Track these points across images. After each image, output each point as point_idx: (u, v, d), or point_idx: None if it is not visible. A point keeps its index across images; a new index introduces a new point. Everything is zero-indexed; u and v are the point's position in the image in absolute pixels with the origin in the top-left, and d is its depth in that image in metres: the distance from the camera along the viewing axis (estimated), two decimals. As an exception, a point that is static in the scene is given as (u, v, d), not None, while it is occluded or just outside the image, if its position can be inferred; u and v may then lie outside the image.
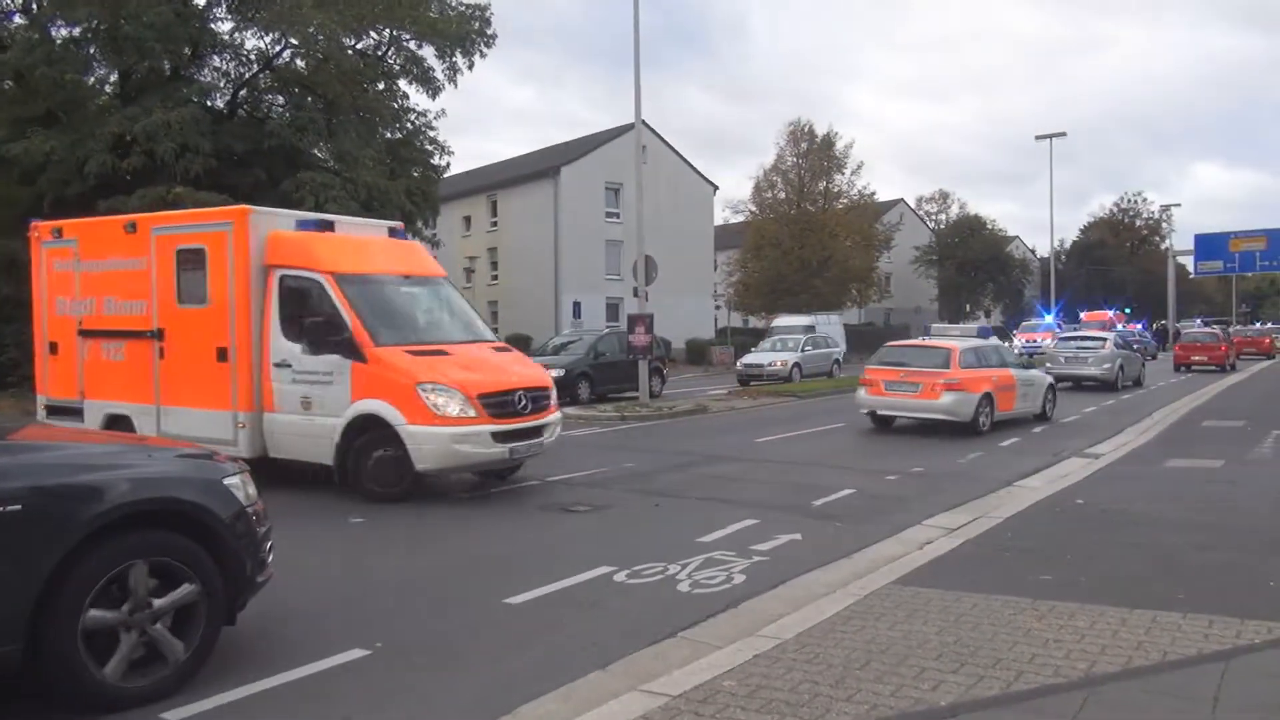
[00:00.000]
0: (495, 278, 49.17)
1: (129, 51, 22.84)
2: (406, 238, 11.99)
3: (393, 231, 11.69)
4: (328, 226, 10.79)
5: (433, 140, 28.87)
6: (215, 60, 26.61)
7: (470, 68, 27.63)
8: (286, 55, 26.48)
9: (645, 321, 20.25)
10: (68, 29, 23.91)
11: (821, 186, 54.96)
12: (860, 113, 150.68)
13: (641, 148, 22.05)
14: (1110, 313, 49.46)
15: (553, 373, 13.28)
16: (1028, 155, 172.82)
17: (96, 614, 4.20)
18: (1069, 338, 28.27)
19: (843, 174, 55.25)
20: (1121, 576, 6.25)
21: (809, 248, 51.32)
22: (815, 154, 54.46)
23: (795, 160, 54.84)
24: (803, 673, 4.49)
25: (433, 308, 11.04)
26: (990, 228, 74.35)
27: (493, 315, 45.08)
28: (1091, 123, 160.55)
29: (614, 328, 34.00)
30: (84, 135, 22.14)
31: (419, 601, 6.20)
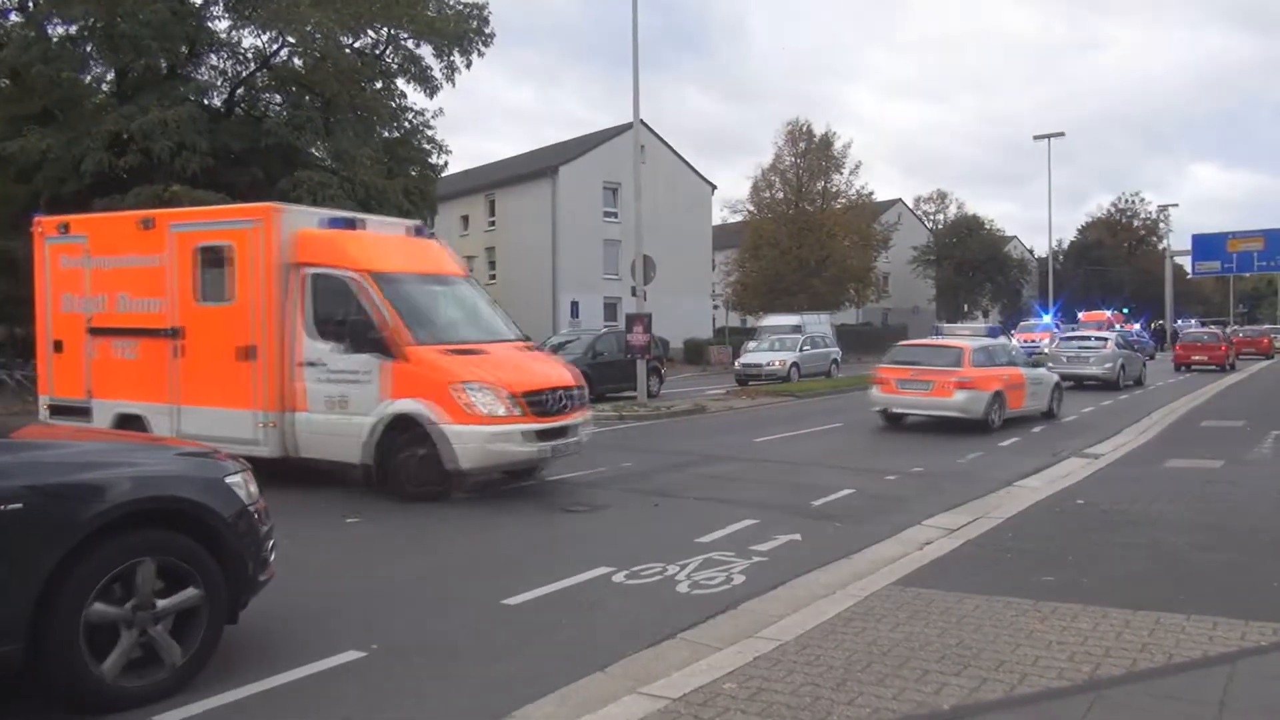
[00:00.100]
0: (493, 277, 49.09)
1: (125, 49, 22.74)
2: (428, 236, 11.90)
3: (416, 230, 11.64)
4: (355, 225, 10.72)
5: (430, 139, 28.81)
6: (212, 59, 26.54)
7: (468, 67, 27.59)
8: (284, 54, 26.40)
9: (644, 321, 20.21)
10: (64, 27, 23.82)
11: (820, 186, 54.95)
12: (858, 113, 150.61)
13: (640, 147, 22.00)
14: (1108, 313, 49.44)
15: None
16: (1025, 155, 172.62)
17: (98, 611, 4.16)
18: (1071, 337, 28.41)
19: (841, 174, 55.33)
20: (1124, 578, 6.21)
21: (807, 247, 51.31)
22: (813, 154, 54.45)
23: (793, 160, 54.83)
24: (804, 675, 4.44)
25: (461, 306, 10.99)
26: (988, 228, 74.34)
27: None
28: (1089, 123, 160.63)
29: (612, 327, 33.94)
30: (80, 133, 22.05)
31: (416, 602, 6.15)
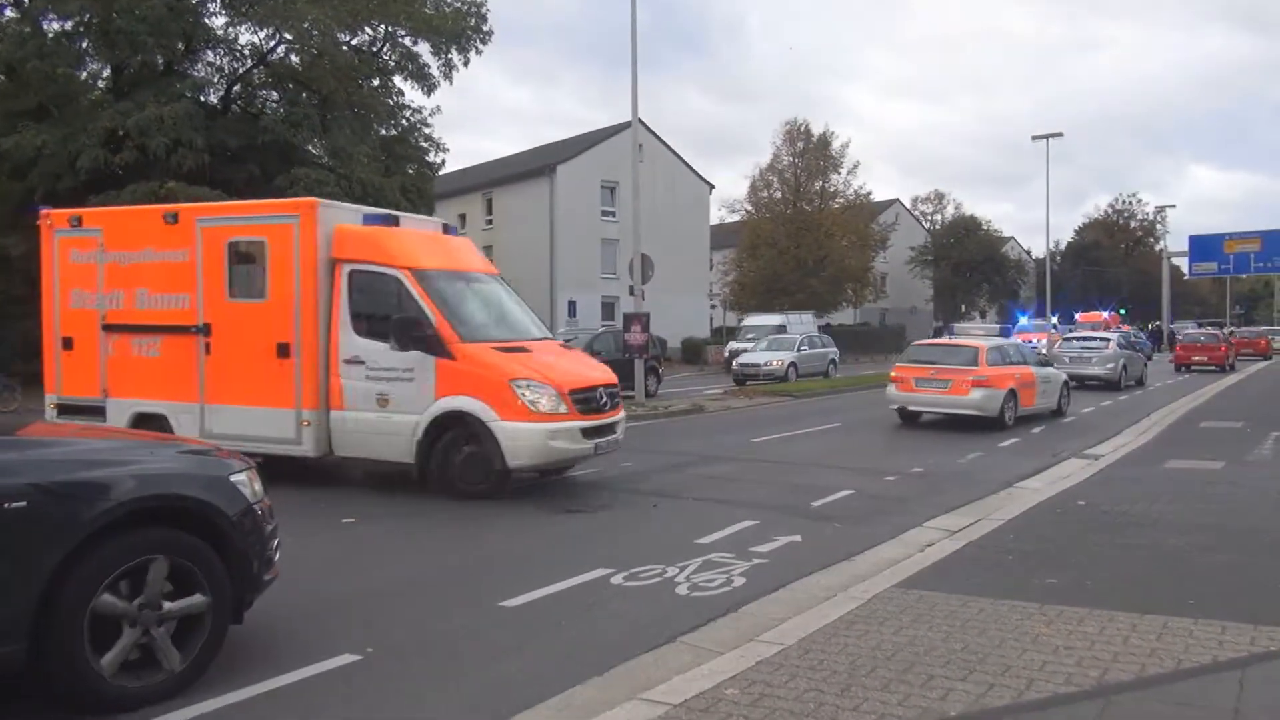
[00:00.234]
0: (491, 276, 48.93)
1: (121, 45, 22.65)
2: (456, 234, 11.83)
3: (446, 229, 11.58)
4: (393, 221, 10.66)
5: (428, 137, 28.76)
6: (209, 55, 26.47)
7: (466, 65, 27.56)
8: (281, 50, 26.33)
9: (641, 320, 20.13)
10: (60, 22, 23.73)
11: (818, 186, 54.87)
12: (857, 113, 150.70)
13: (638, 146, 21.92)
14: (1105, 314, 49.44)
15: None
16: (1023, 156, 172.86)
17: (102, 610, 4.12)
18: (1073, 338, 28.70)
19: (839, 174, 55.26)
20: (1128, 580, 6.14)
21: (805, 247, 51.25)
22: (811, 153, 54.38)
23: (791, 160, 54.76)
24: (807, 680, 4.36)
25: (498, 304, 10.95)
26: (986, 228, 74.33)
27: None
28: (1087, 123, 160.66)
29: (609, 326, 33.87)
30: (76, 130, 21.95)
31: (413, 604, 6.06)
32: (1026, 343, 22.38)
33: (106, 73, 25.57)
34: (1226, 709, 3.96)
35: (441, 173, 33.14)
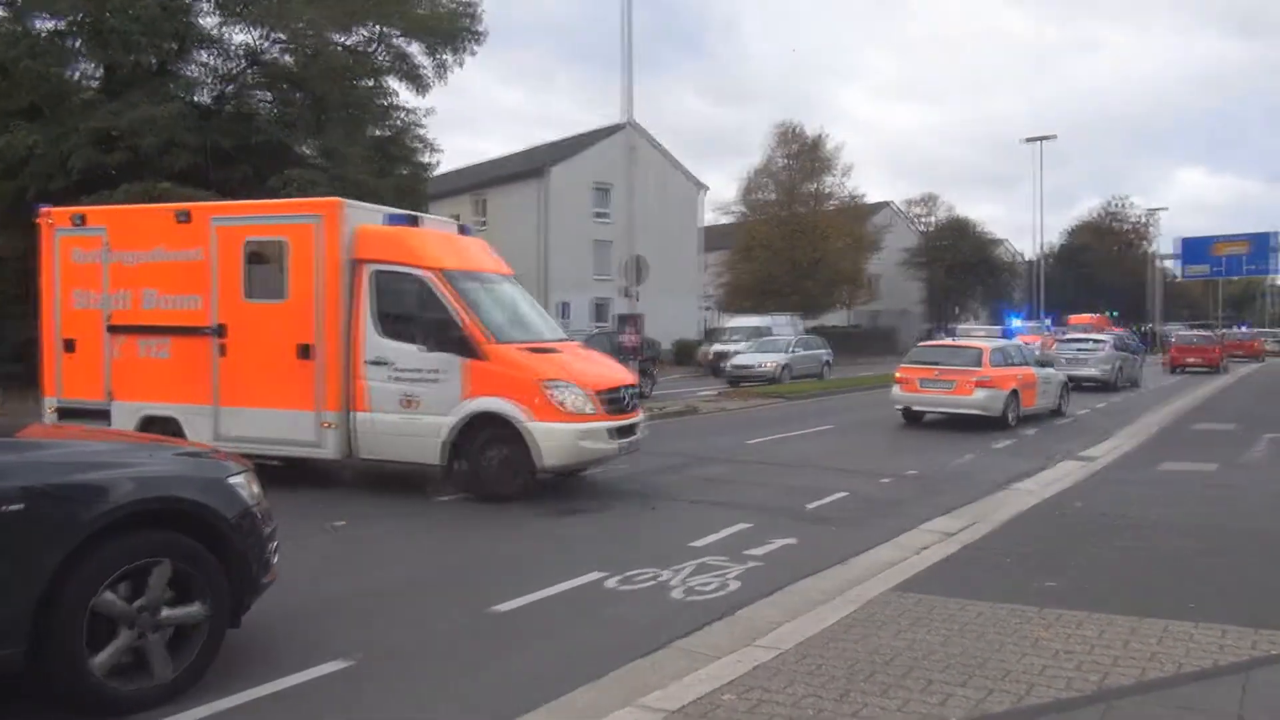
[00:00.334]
0: (483, 277, 48.82)
1: (114, 45, 22.46)
2: (470, 234, 11.78)
3: (462, 229, 11.53)
4: (415, 222, 10.62)
5: (421, 138, 28.59)
6: (202, 55, 26.22)
7: (460, 65, 27.38)
8: (274, 51, 26.14)
9: (635, 322, 20.08)
10: (52, 22, 23.52)
11: (811, 188, 54.87)
12: (851, 115, 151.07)
13: (631, 149, 21.86)
14: (1095, 316, 49.57)
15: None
16: (1015, 158, 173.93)
17: (100, 612, 4.09)
18: (1070, 339, 28.99)
19: (832, 176, 55.26)
20: (1127, 583, 6.10)
21: (799, 249, 51.22)
22: (804, 155, 54.38)
23: (785, 162, 54.75)
24: (805, 686, 4.31)
25: (516, 305, 10.93)
26: (978, 230, 74.36)
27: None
28: (1078, 126, 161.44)
29: (603, 328, 33.79)
30: (68, 129, 21.76)
31: (404, 609, 5.99)
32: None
33: (99, 72, 25.38)
34: (1230, 713, 3.91)
35: (435, 173, 32.97)
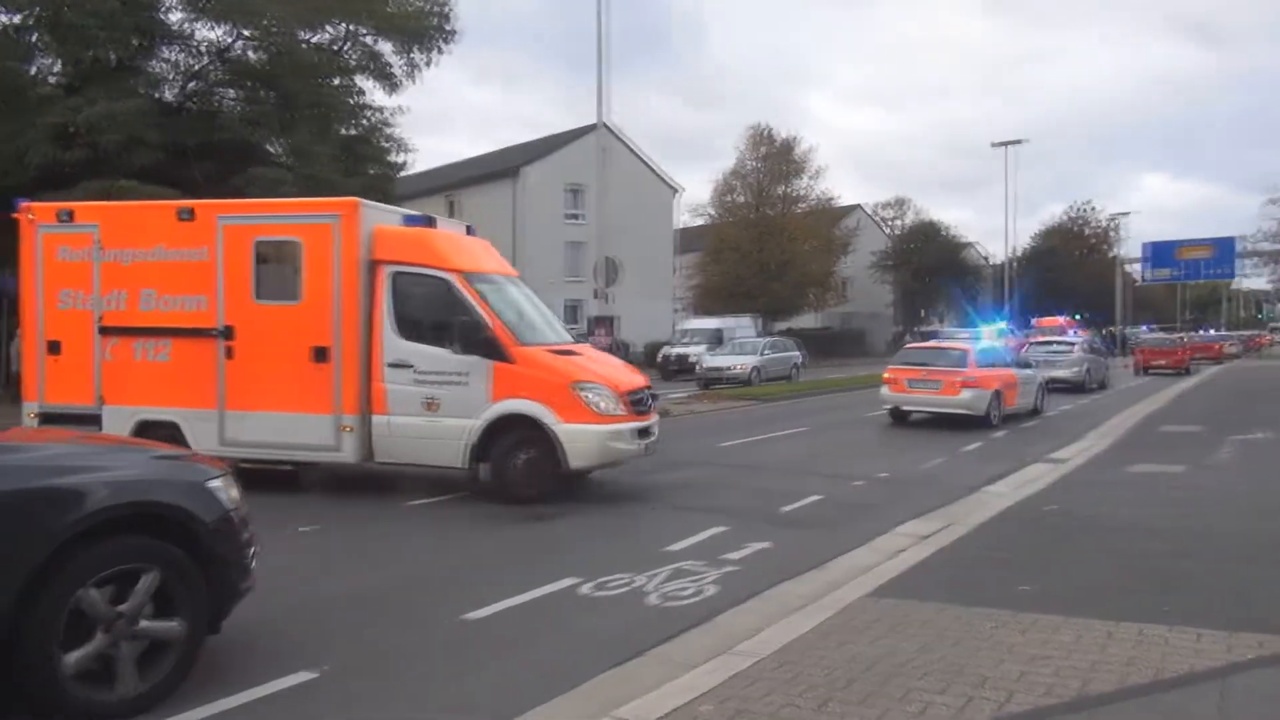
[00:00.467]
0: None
1: (73, 41, 22.01)
2: (473, 235, 11.72)
3: (469, 231, 11.44)
4: (431, 223, 10.53)
5: (391, 138, 28.26)
6: (165, 51, 25.78)
7: (429, 64, 27.12)
8: (239, 47, 25.75)
9: (607, 324, 20.01)
10: (8, 16, 23.01)
11: (781, 191, 55.06)
12: (819, 119, 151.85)
13: (602, 150, 21.76)
14: (1062, 318, 50.16)
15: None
16: (980, 162, 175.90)
17: (79, 609, 3.99)
18: (1041, 342, 29.50)
19: (802, 179, 55.47)
20: (1101, 586, 6.09)
21: (769, 252, 51.36)
22: (775, 158, 54.56)
23: (755, 164, 54.90)
24: (783, 695, 4.23)
25: (529, 307, 10.88)
26: (946, 234, 75.01)
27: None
28: (1044, 132, 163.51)
29: (574, 329, 33.55)
30: (25, 125, 21.26)
31: (373, 617, 5.85)
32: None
33: (59, 68, 24.87)
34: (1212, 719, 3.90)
35: (405, 173, 32.63)
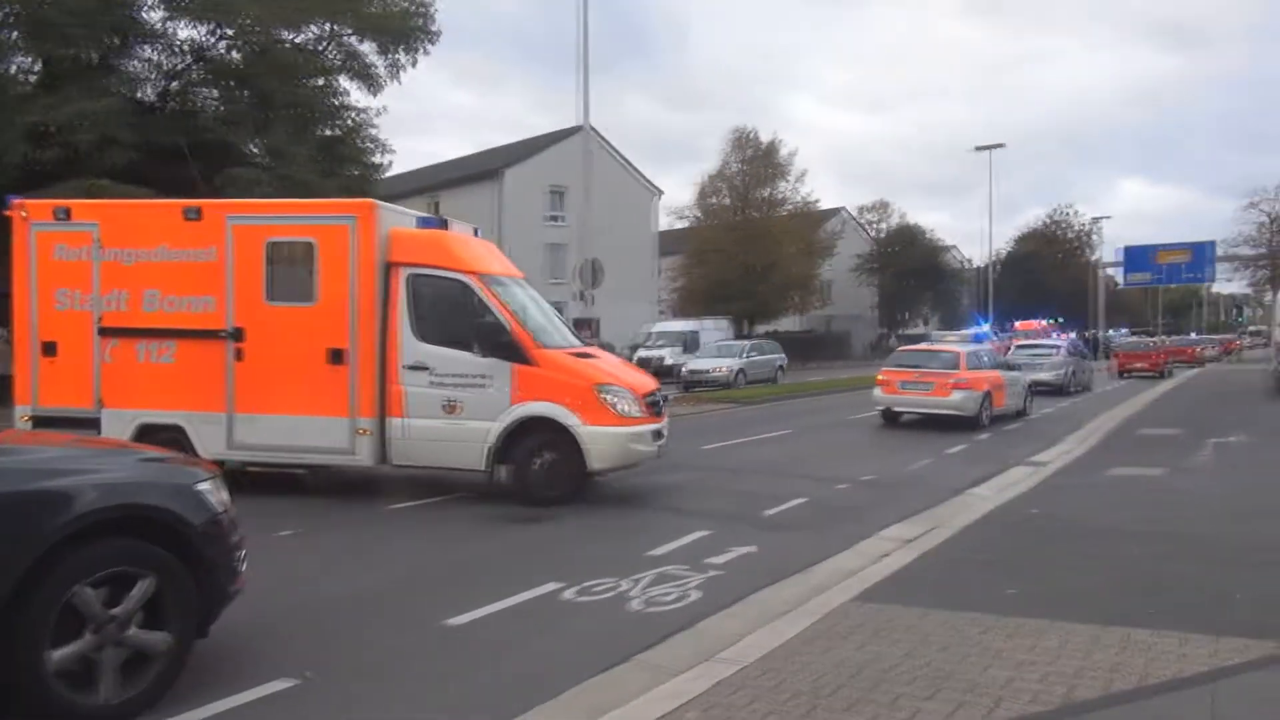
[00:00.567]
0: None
1: (51, 38, 21.75)
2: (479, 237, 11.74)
3: (475, 233, 11.43)
4: (445, 225, 10.50)
5: (372, 138, 28.07)
6: (145, 50, 25.52)
7: (413, 64, 26.98)
8: (220, 47, 25.53)
9: (591, 326, 19.95)
10: (-14, 14, 22.72)
11: (765, 193, 55.13)
12: (800, 122, 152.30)
13: (586, 151, 21.71)
14: (1040, 322, 50.49)
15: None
16: (960, 167, 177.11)
17: (72, 605, 3.94)
18: (1025, 345, 29.96)
19: (786, 181, 55.56)
20: (1084, 591, 6.09)
21: (752, 254, 51.40)
22: (758, 161, 54.62)
23: (739, 167, 54.93)
24: (769, 702, 4.19)
25: (541, 309, 10.88)
26: (928, 237, 75.40)
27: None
28: (1022, 136, 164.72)
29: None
30: (1, 125, 21.00)
31: (353, 623, 5.77)
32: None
33: (38, 66, 24.55)
34: (1199, 727, 3.88)
35: (387, 175, 32.43)
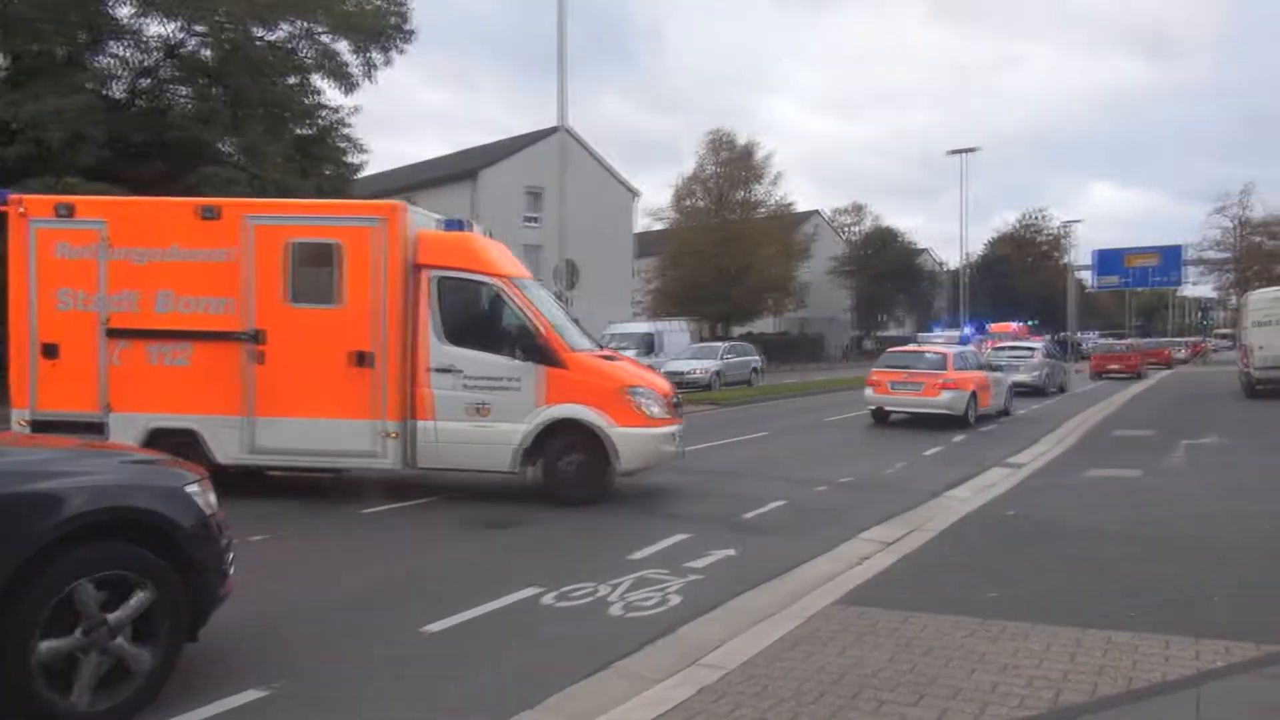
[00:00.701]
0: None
1: (19, 33, 21.36)
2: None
3: (489, 234, 11.35)
4: (468, 227, 10.46)
5: (347, 138, 27.82)
6: (115, 47, 25.13)
7: (388, 64, 26.75)
8: (191, 44, 25.19)
9: (567, 327, 19.82)
10: (-51, 8, 22.26)
11: (740, 196, 55.29)
12: (775, 126, 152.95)
13: (564, 152, 21.62)
14: (1015, 325, 50.91)
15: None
16: (933, 170, 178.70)
17: (63, 607, 3.87)
18: (1003, 347, 30.44)
19: (761, 184, 55.75)
20: (1066, 592, 6.08)
21: (729, 256, 51.49)
22: (735, 163, 54.77)
23: (715, 169, 55.08)
24: (751, 709, 4.12)
25: (558, 309, 10.85)
26: (902, 240, 75.92)
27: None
28: (994, 141, 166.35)
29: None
30: (-34, 121, 20.60)
31: (327, 631, 5.64)
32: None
33: (6, 62, 24.09)
34: (1186, 732, 3.85)
35: (362, 175, 32.14)
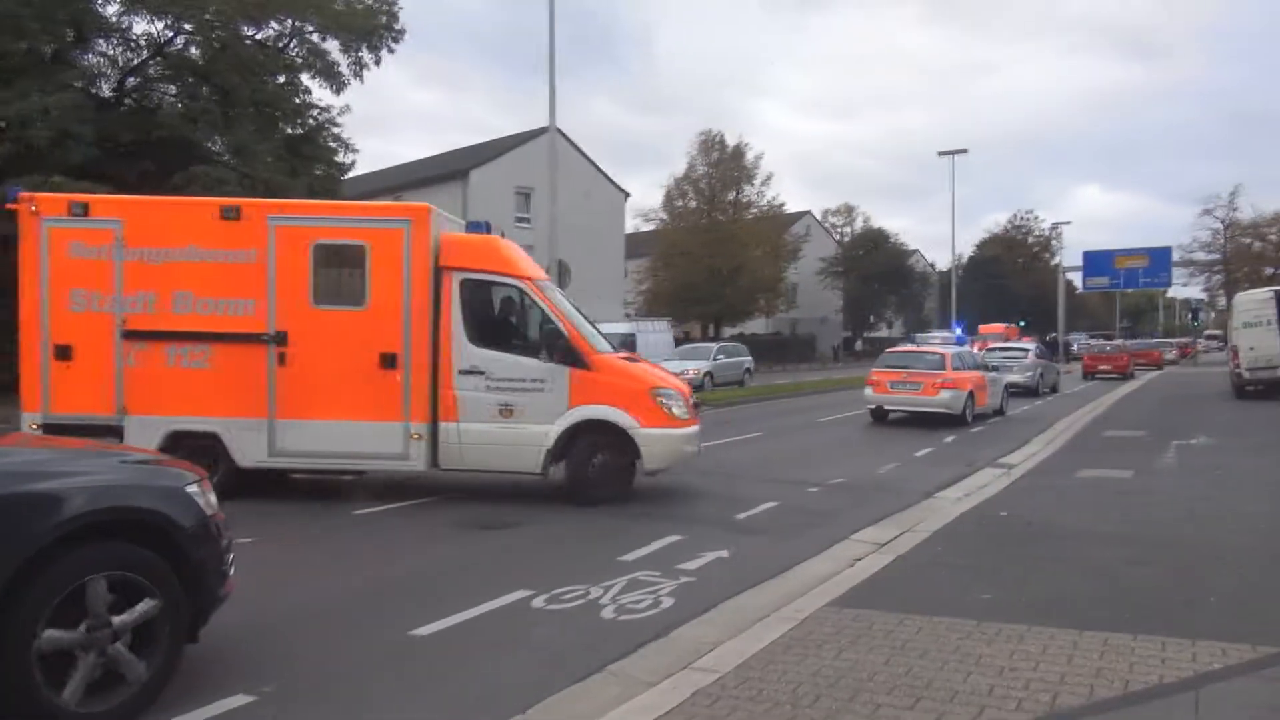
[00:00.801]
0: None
1: (4, 31, 21.18)
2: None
3: (503, 235, 11.33)
4: (490, 229, 10.47)
5: (337, 137, 27.71)
6: (102, 45, 24.96)
7: (378, 64, 26.67)
8: (180, 42, 25.04)
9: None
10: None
11: (731, 197, 55.31)
12: (765, 127, 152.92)
13: (554, 152, 21.56)
14: (1004, 325, 51.05)
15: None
16: (922, 171, 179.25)
17: (50, 636, 3.81)
18: (996, 348, 30.68)
19: (752, 185, 55.78)
20: (1061, 595, 6.04)
21: (719, 257, 51.48)
22: (725, 164, 54.78)
23: (706, 170, 55.07)
24: (747, 712, 4.07)
25: (581, 313, 10.83)
26: (892, 241, 76.03)
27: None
28: (983, 142, 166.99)
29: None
30: (-48, 119, 20.44)
31: (315, 635, 5.57)
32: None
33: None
34: (1186, 736, 3.81)
35: (351, 175, 32.01)
